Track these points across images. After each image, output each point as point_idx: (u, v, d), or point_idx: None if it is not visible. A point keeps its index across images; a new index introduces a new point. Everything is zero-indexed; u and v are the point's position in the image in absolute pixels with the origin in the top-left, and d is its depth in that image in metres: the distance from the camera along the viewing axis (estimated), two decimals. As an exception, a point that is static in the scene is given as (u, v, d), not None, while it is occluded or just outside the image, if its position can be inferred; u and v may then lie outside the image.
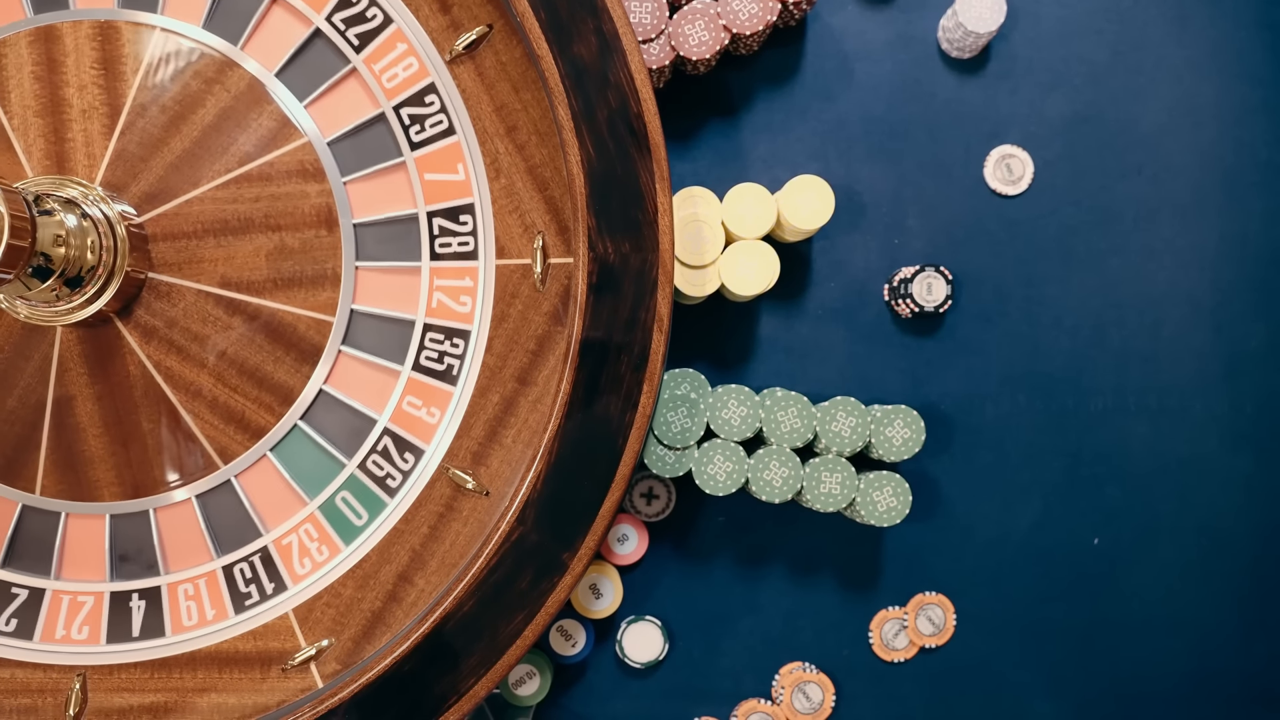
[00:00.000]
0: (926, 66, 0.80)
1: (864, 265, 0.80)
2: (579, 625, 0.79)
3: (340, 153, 0.65)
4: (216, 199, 0.65)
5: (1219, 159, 0.81)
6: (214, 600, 0.66)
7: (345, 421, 0.66)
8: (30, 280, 0.57)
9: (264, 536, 0.66)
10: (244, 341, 0.65)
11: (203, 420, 0.65)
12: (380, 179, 0.66)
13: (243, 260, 0.65)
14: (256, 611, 0.66)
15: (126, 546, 0.66)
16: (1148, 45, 0.81)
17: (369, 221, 0.66)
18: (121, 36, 0.65)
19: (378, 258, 0.66)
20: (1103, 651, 0.82)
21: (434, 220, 0.65)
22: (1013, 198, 0.81)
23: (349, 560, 0.66)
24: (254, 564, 0.66)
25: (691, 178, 0.80)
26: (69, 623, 0.66)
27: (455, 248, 0.65)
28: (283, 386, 0.65)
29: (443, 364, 0.66)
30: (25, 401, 0.65)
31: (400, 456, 0.66)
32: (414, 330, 0.66)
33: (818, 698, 0.79)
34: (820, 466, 0.73)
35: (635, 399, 0.61)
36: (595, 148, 0.61)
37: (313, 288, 0.65)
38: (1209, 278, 0.81)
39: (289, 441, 0.66)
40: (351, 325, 0.66)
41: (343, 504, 0.66)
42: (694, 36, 0.72)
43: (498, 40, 0.65)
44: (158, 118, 0.65)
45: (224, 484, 0.66)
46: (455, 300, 0.65)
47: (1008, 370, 0.81)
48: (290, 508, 0.66)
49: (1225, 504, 0.82)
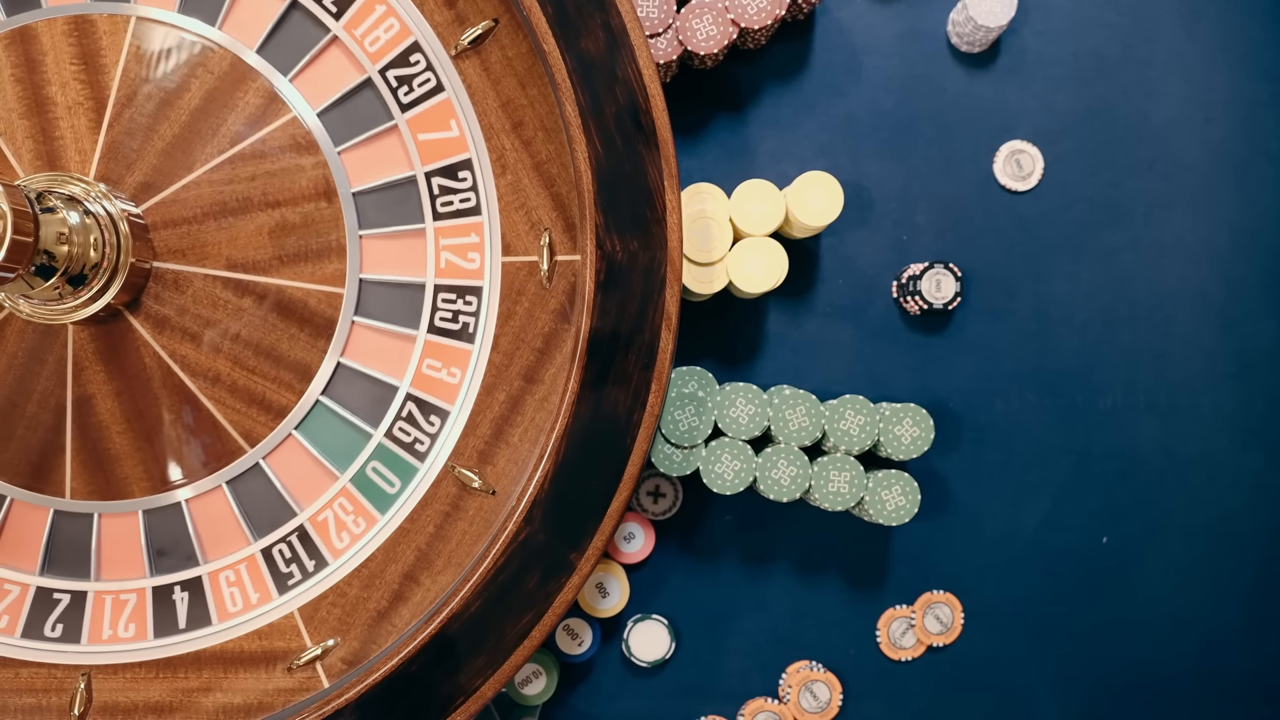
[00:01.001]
0: (936, 61, 0.80)
1: (872, 262, 0.80)
2: (585, 624, 0.79)
3: (330, 123, 0.65)
4: (212, 182, 0.64)
5: (1230, 154, 0.80)
6: (256, 584, 0.66)
7: (367, 392, 0.66)
8: (33, 279, 0.57)
9: (299, 515, 0.66)
10: (256, 322, 0.65)
11: (224, 405, 0.65)
12: (373, 145, 0.65)
13: (246, 240, 0.64)
14: (301, 590, 0.65)
15: (163, 540, 0.66)
16: (1159, 39, 0.80)
17: (367, 189, 0.65)
18: (98, 29, 0.64)
19: (381, 224, 0.65)
20: (1111, 650, 0.81)
21: (432, 180, 0.65)
22: (1023, 194, 0.80)
23: (387, 529, 0.65)
24: (292, 543, 0.66)
25: (698, 173, 0.79)
26: (115, 622, 0.66)
27: (457, 205, 0.65)
28: (300, 364, 0.65)
29: (458, 323, 0.65)
30: (45, 405, 0.64)
31: (426, 420, 0.65)
32: (425, 292, 0.65)
33: (825, 696, 0.79)
34: (828, 465, 0.72)
35: (643, 398, 0.61)
36: (603, 144, 0.60)
37: (319, 261, 0.65)
38: (1220, 274, 0.80)
39: (313, 418, 0.65)
40: (362, 295, 0.65)
41: (374, 474, 0.66)
42: (702, 31, 0.71)
43: (504, 35, 0.65)
44: (144, 106, 0.64)
45: (253, 467, 0.66)
46: (463, 258, 0.65)
47: (1017, 367, 0.80)
48: (321, 484, 0.66)
49: (1235, 502, 0.81)
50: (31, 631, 0.66)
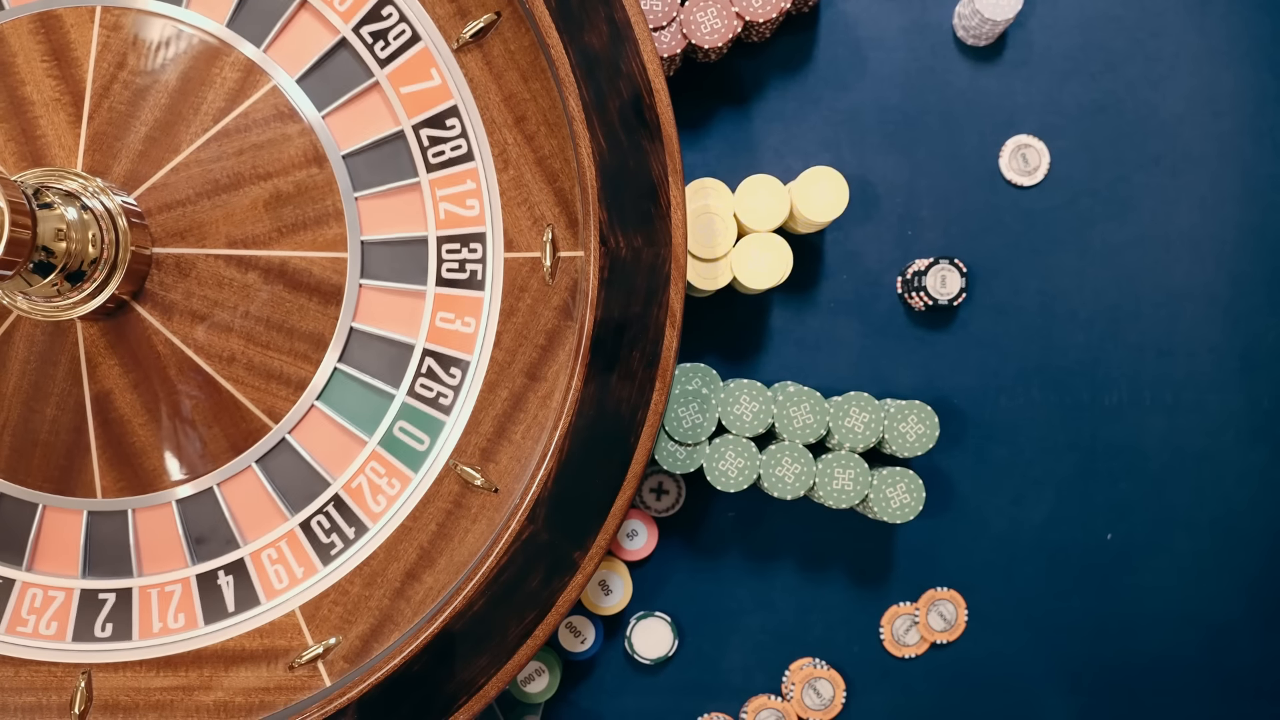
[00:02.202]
0: (942, 54, 0.79)
1: (877, 257, 0.79)
2: (588, 622, 0.78)
3: (311, 88, 0.64)
4: (200, 161, 0.64)
5: (1238, 149, 0.80)
6: (299, 558, 0.65)
7: (383, 353, 0.65)
8: (31, 276, 0.56)
9: (333, 484, 0.65)
10: (264, 297, 0.64)
11: (243, 385, 0.64)
12: (357, 104, 0.64)
13: (242, 216, 0.64)
14: (344, 559, 0.65)
15: (200, 528, 0.65)
16: (1166, 33, 0.80)
17: (357, 149, 0.64)
18: (64, 23, 0.64)
19: (375, 184, 0.65)
20: (1115, 646, 0.81)
21: (420, 132, 0.64)
22: (1028, 189, 0.80)
23: (413, 497, 0.65)
24: (329, 513, 0.65)
25: (702, 168, 0.79)
26: (163, 614, 0.66)
27: (448, 154, 0.64)
28: (314, 333, 0.64)
29: (465, 271, 0.64)
30: (64, 406, 0.64)
31: (447, 373, 0.65)
32: (428, 246, 0.65)
33: (828, 694, 0.79)
34: (833, 463, 0.72)
35: (647, 396, 0.60)
36: (606, 139, 0.60)
37: (318, 228, 0.64)
38: (1226, 270, 0.80)
39: (333, 386, 0.65)
40: (366, 257, 0.65)
41: (401, 434, 0.65)
42: (706, 24, 0.71)
43: (506, 28, 0.64)
44: (122, 94, 0.64)
45: (280, 443, 0.65)
46: (462, 206, 0.64)
47: (1021, 364, 0.80)
48: (350, 451, 0.65)
49: (1240, 498, 0.81)
50: (82, 634, 0.65)
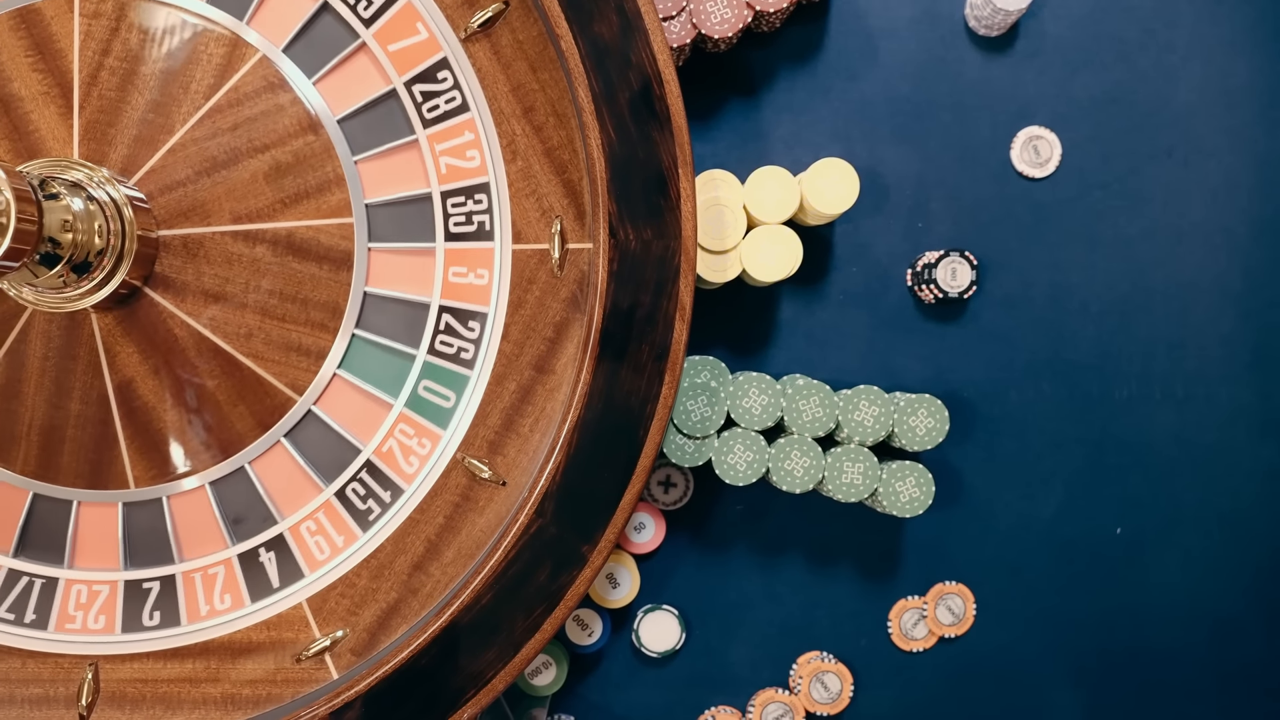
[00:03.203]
0: (953, 45, 0.78)
1: (887, 250, 0.79)
2: (595, 615, 0.78)
3: (298, 56, 0.64)
4: (196, 140, 0.63)
5: (1252, 141, 0.79)
6: (339, 527, 0.65)
7: (400, 315, 0.65)
8: (37, 268, 0.56)
9: (363, 451, 0.65)
10: (275, 270, 0.64)
11: (263, 360, 0.64)
12: (346, 68, 0.64)
13: (244, 190, 0.64)
14: (382, 523, 0.65)
15: (236, 508, 0.65)
16: (1180, 23, 0.79)
17: (351, 113, 0.64)
18: (44, 16, 0.63)
19: (372, 145, 0.64)
20: (1124, 641, 0.81)
21: (412, 89, 0.64)
22: (1040, 180, 0.79)
23: (444, 455, 0.65)
24: (363, 480, 0.65)
25: (711, 159, 0.78)
26: (209, 597, 0.66)
27: (443, 107, 0.64)
28: (328, 302, 0.64)
29: (473, 224, 0.64)
30: (87, 399, 0.64)
31: (465, 327, 0.65)
32: (433, 202, 0.64)
33: (836, 688, 0.79)
34: (842, 456, 0.71)
35: (656, 389, 0.60)
36: (616, 130, 0.59)
37: (320, 195, 0.64)
38: (1239, 263, 0.79)
39: (353, 353, 0.65)
40: (371, 220, 0.64)
41: (426, 393, 0.65)
42: (716, 14, 0.70)
43: (515, 18, 0.63)
44: (110, 81, 0.63)
45: (306, 415, 0.65)
46: (462, 158, 0.64)
47: (1032, 357, 0.79)
48: (378, 415, 0.65)
49: (1250, 493, 0.81)
50: (131, 625, 0.66)
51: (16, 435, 0.64)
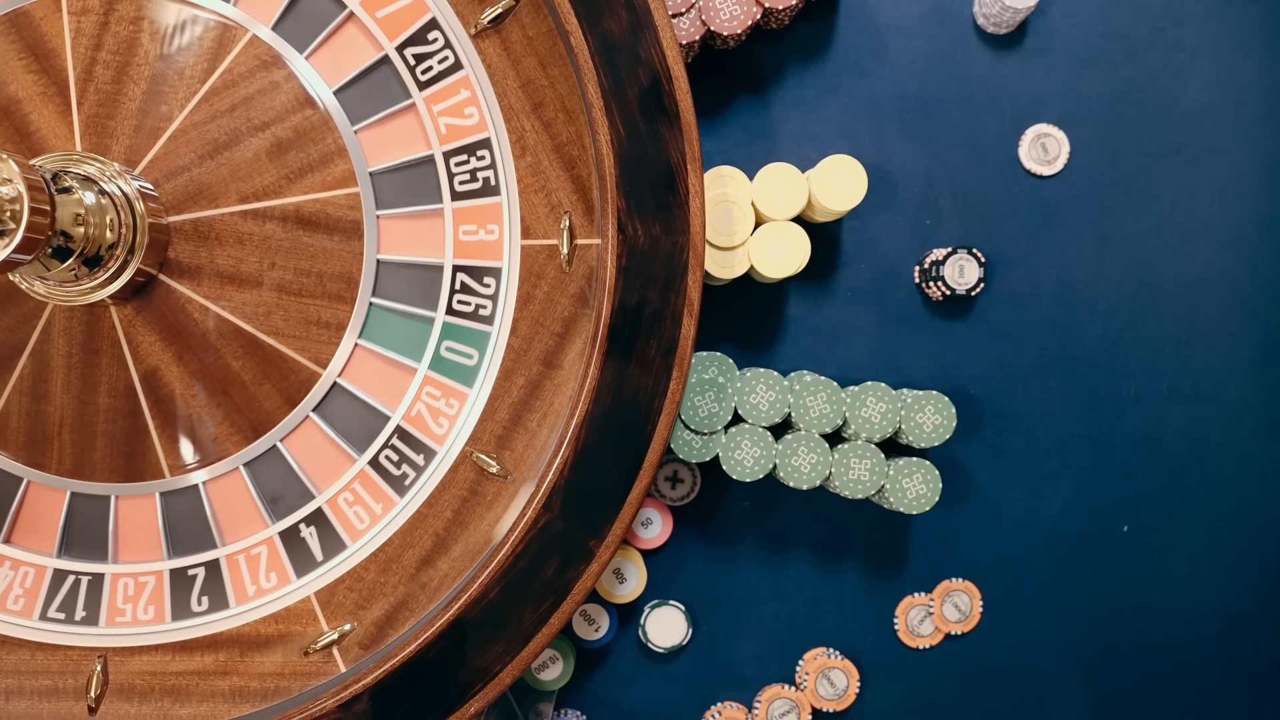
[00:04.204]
0: (962, 42, 0.78)
1: (895, 246, 0.79)
2: (602, 610, 0.78)
3: (287, 31, 0.64)
4: (196, 124, 0.64)
5: (1260, 140, 0.79)
6: (375, 495, 0.66)
7: (414, 278, 0.65)
8: (49, 261, 0.56)
9: (392, 417, 0.65)
10: (287, 246, 0.64)
11: (284, 337, 0.64)
12: (336, 39, 0.64)
13: (248, 170, 0.64)
14: (416, 489, 0.65)
15: (273, 488, 0.66)
16: (1189, 21, 0.79)
17: (346, 83, 0.64)
18: (33, 18, 0.64)
19: (371, 113, 0.64)
20: (1131, 638, 0.81)
21: (404, 52, 0.64)
22: (1048, 178, 0.79)
23: (470, 416, 0.65)
24: (395, 446, 0.65)
25: (719, 155, 0.78)
26: (255, 577, 0.66)
27: (436, 68, 0.64)
28: (343, 274, 0.64)
29: (477, 180, 0.64)
30: (114, 392, 0.64)
31: (481, 284, 0.65)
32: (436, 164, 0.64)
33: (842, 684, 0.79)
34: (849, 453, 0.71)
35: (664, 385, 0.60)
36: (625, 126, 0.59)
37: (324, 168, 0.64)
38: (1246, 261, 0.79)
39: (372, 321, 0.65)
40: (377, 188, 0.65)
41: (449, 353, 0.65)
42: (725, 10, 0.70)
43: (524, 14, 0.63)
44: (104, 76, 0.64)
45: (332, 388, 0.65)
46: (460, 116, 0.64)
47: (1039, 354, 0.79)
48: (402, 381, 0.65)
49: (1258, 491, 0.81)
50: (180, 612, 0.66)
51: (49, 435, 0.65)
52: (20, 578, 0.66)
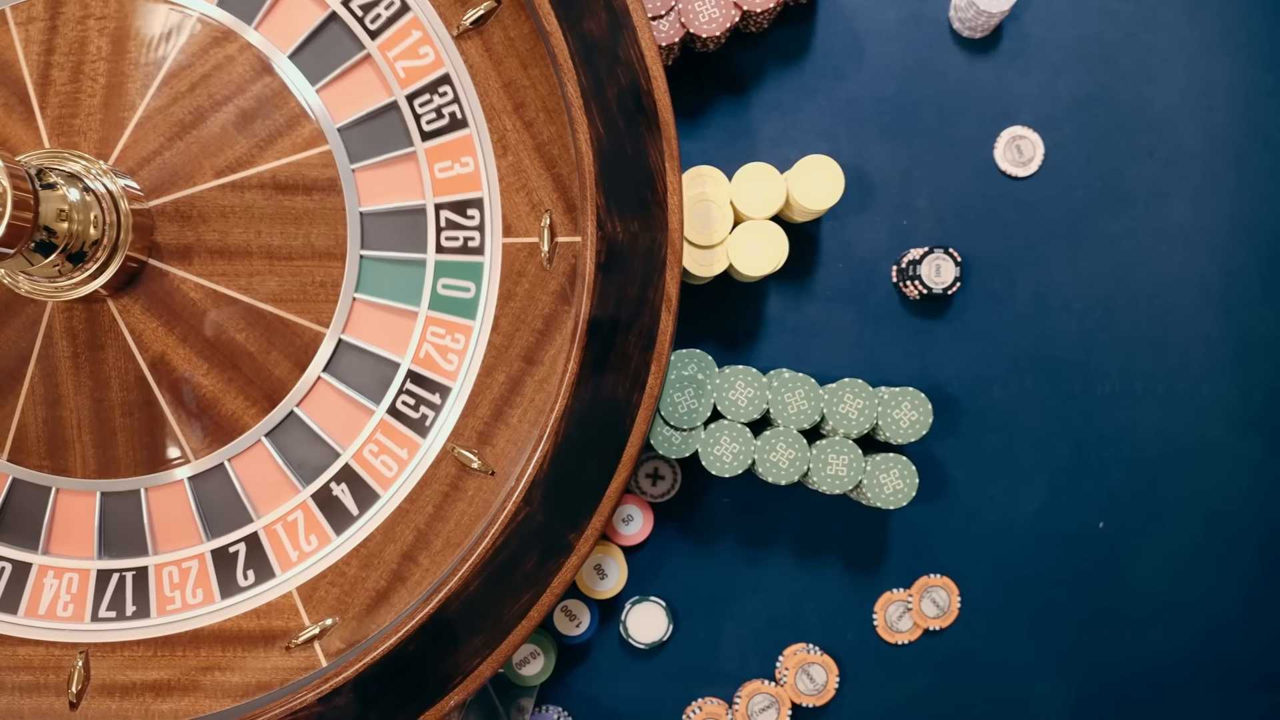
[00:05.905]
0: (938, 46, 0.80)
1: (872, 246, 0.80)
2: (583, 605, 0.79)
3: (233, 5, 0.65)
4: (160, 108, 0.64)
5: (1231, 142, 0.80)
6: (399, 442, 0.66)
7: (399, 224, 0.66)
8: (33, 255, 0.57)
9: (401, 364, 0.66)
10: (270, 212, 0.65)
11: (283, 301, 0.65)
12: (279, 8, 0.65)
13: (219, 144, 0.64)
14: (440, 423, 0.66)
15: (298, 453, 0.66)
16: (1161, 26, 0.80)
17: (299, 45, 0.65)
18: None
19: (329, 70, 0.65)
20: (1107, 635, 0.82)
21: (349, 4, 0.65)
22: (1023, 179, 0.80)
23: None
24: (410, 391, 0.66)
25: (700, 156, 0.79)
26: (295, 543, 0.67)
27: (384, 15, 0.65)
28: (329, 231, 0.65)
29: (444, 117, 0.65)
30: (126, 385, 0.64)
31: (465, 216, 0.65)
32: (401, 108, 0.65)
33: (821, 679, 0.79)
34: (827, 449, 0.72)
35: (643, 380, 0.61)
36: (604, 126, 0.60)
37: (292, 131, 0.65)
38: (1219, 262, 0.81)
39: (365, 274, 0.66)
40: (348, 142, 0.65)
41: (447, 290, 0.66)
42: (704, 13, 0.71)
43: (506, 15, 0.64)
44: (60, 78, 0.64)
45: (339, 344, 0.66)
46: (415, 57, 0.65)
47: (1015, 353, 0.80)
48: (405, 328, 0.66)
49: (1232, 489, 0.81)
50: (229, 590, 0.66)
51: (69, 440, 0.65)
52: (65, 584, 0.67)
